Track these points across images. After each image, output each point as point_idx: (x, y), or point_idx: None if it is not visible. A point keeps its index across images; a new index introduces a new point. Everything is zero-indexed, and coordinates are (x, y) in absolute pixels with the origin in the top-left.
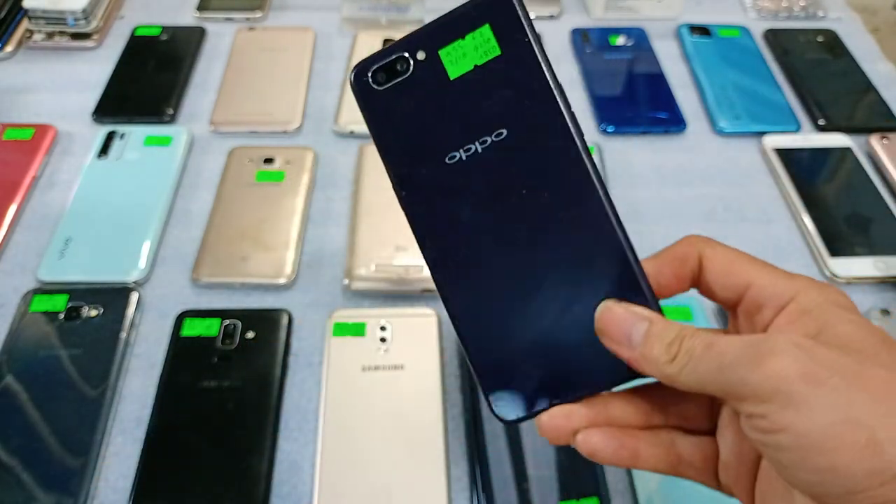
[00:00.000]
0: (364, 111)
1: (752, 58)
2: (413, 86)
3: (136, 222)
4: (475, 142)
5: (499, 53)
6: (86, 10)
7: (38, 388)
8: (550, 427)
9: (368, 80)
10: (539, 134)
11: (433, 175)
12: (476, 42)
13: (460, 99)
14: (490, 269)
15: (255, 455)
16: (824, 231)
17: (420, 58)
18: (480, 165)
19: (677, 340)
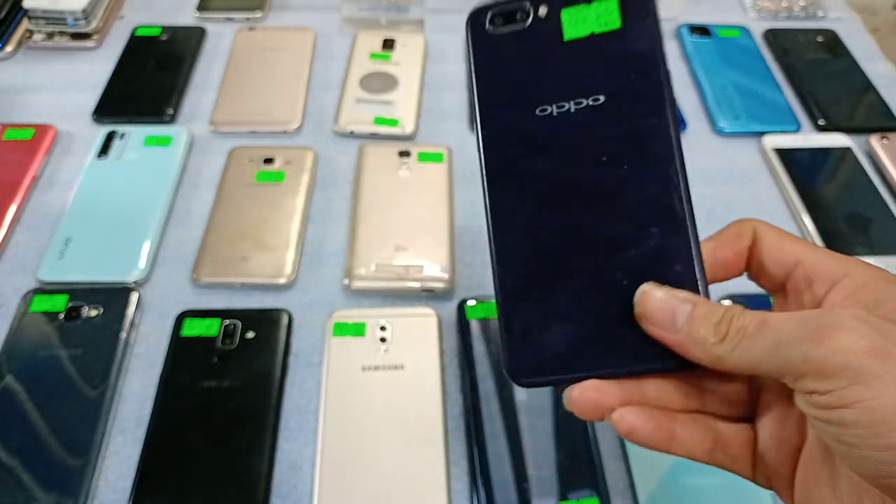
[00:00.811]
0: (471, 49)
1: (752, 58)
2: (527, 36)
3: (136, 222)
4: (570, 101)
5: (619, 27)
6: (86, 10)
7: (38, 388)
8: (582, 400)
9: (485, 21)
10: (638, 109)
11: (520, 121)
12: (599, 11)
13: (568, 59)
14: (547, 223)
15: (255, 455)
16: (824, 231)
17: (541, 13)
18: (569, 124)
19: (725, 320)
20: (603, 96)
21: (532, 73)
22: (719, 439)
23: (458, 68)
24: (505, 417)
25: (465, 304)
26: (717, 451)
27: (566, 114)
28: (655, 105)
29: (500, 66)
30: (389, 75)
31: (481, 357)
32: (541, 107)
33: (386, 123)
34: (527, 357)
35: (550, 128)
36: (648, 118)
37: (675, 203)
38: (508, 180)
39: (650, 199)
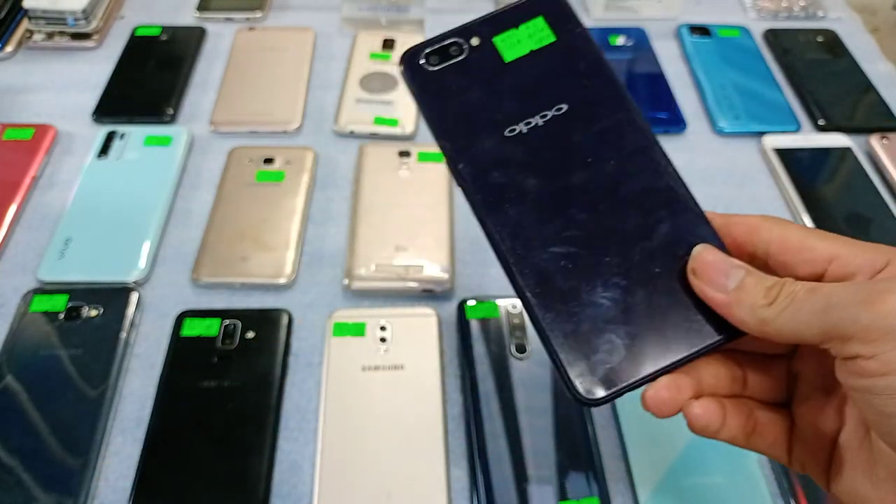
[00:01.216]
0: (415, 90)
1: (752, 58)
2: (468, 66)
3: (136, 222)
4: (535, 115)
5: (554, 40)
6: (86, 10)
7: (38, 388)
8: (658, 400)
9: (420, 60)
10: (602, 108)
11: (493, 146)
12: (530, 31)
13: (518, 78)
14: (560, 236)
15: (255, 455)
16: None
17: (474, 44)
18: (543, 136)
19: (777, 285)
20: (565, 104)
21: (487, 99)
22: (758, 424)
23: None
24: (505, 417)
25: (465, 304)
26: (756, 435)
27: (536, 128)
28: (617, 100)
29: (451, 99)
30: (389, 75)
31: (481, 357)
32: (509, 128)
33: (386, 123)
34: (592, 376)
35: (526, 144)
36: (616, 113)
37: (673, 183)
38: (506, 207)
39: (648, 185)
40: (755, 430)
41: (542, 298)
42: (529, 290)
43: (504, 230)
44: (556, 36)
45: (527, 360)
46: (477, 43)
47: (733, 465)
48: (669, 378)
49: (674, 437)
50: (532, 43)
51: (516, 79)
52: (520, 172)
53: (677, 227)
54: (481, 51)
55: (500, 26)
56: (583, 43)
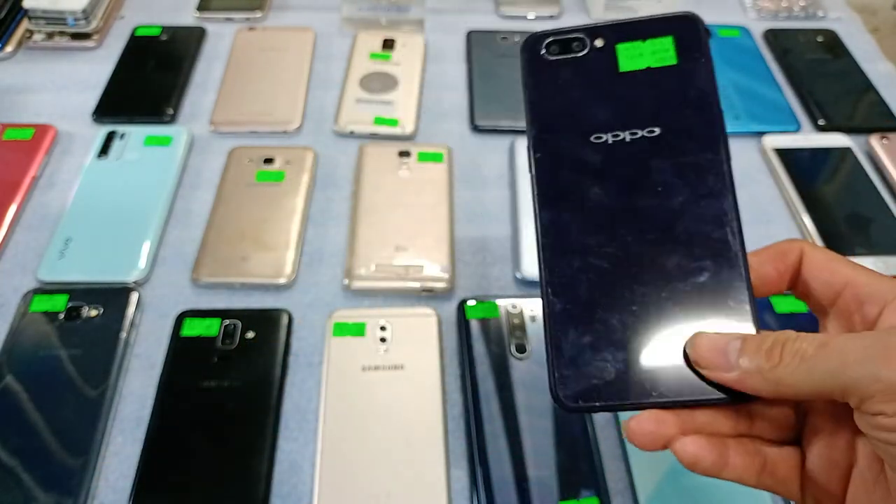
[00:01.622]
0: (526, 73)
1: (752, 58)
2: (582, 64)
3: (136, 222)
4: (625, 131)
5: (675, 63)
6: (86, 10)
7: (38, 388)
8: (640, 432)
9: (541, 47)
10: (693, 144)
11: (574, 147)
12: (655, 48)
13: (623, 90)
14: (600, 249)
15: (255, 455)
16: (824, 231)
17: (597, 45)
18: (624, 152)
19: (777, 345)
20: (658, 129)
21: (588, 101)
22: (767, 463)
23: (459, 68)
24: (505, 417)
25: (465, 304)
26: (765, 474)
27: (621, 143)
28: (710, 140)
29: (555, 90)
30: (389, 75)
31: (481, 357)
32: (596, 134)
33: (386, 123)
34: (575, 382)
35: (605, 155)
36: (703, 153)
37: (729, 237)
38: (562, 205)
39: (704, 232)
40: (764, 468)
41: (561, 299)
42: (552, 287)
43: (552, 225)
44: (678, 59)
45: (527, 360)
46: (600, 45)
47: None
48: (654, 412)
49: None
50: (653, 60)
51: (622, 90)
52: (589, 178)
53: (715, 282)
54: (601, 53)
55: (627, 35)
56: (701, 73)
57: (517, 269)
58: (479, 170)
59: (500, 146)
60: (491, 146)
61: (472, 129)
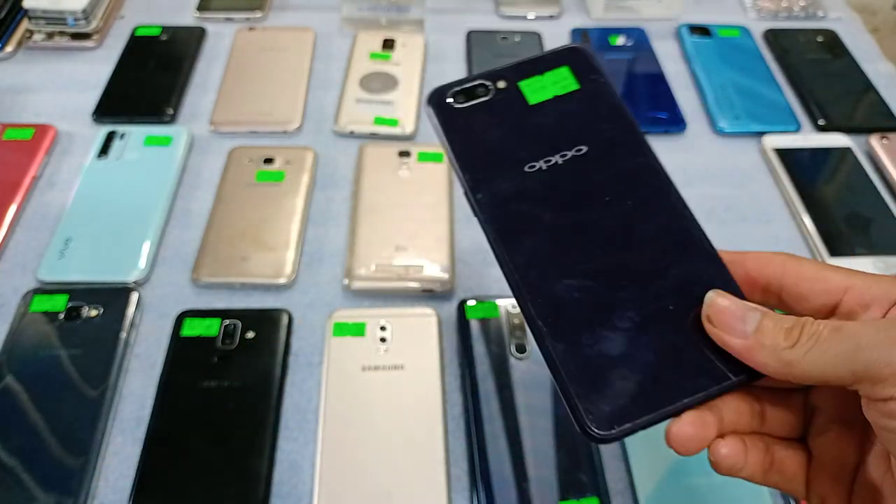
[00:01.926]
0: (440, 125)
1: (752, 58)
2: (493, 106)
3: (136, 222)
4: (555, 155)
5: (577, 87)
6: (86, 10)
7: (38, 388)
8: (682, 436)
9: (446, 99)
10: (621, 151)
11: (512, 181)
12: (555, 78)
13: (540, 119)
14: (576, 269)
15: (255, 455)
16: (824, 231)
17: (500, 86)
18: (562, 174)
19: (798, 325)
20: (585, 146)
21: (510, 136)
22: (775, 460)
23: (458, 68)
24: (505, 417)
25: (465, 304)
26: (773, 471)
27: (555, 166)
28: (635, 144)
29: (475, 134)
30: (389, 75)
31: (481, 357)
32: (529, 164)
33: (386, 123)
34: (602, 410)
35: (545, 181)
36: (633, 157)
37: (687, 224)
38: (523, 240)
39: (663, 226)
40: (772, 466)
41: (554, 328)
42: (541, 320)
43: (518, 259)
44: (579, 84)
45: (527, 360)
46: (503, 86)
47: None
48: (695, 414)
49: None
50: (556, 89)
51: (539, 120)
52: (537, 206)
53: (692, 267)
54: (507, 92)
55: (526, 72)
56: (604, 91)
57: None
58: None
59: None
60: None
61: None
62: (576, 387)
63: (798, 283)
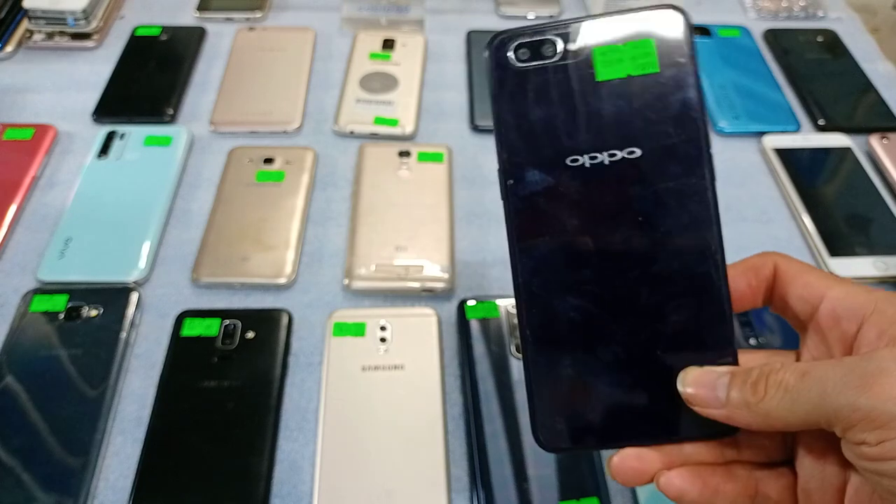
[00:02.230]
0: (494, 84)
1: (752, 58)
2: (556, 74)
3: (136, 222)
4: (604, 152)
5: (656, 71)
6: (86, 10)
7: (38, 388)
8: (623, 469)
9: (509, 52)
10: (676, 167)
11: (549, 173)
12: (635, 52)
13: (601, 104)
14: (578, 285)
15: (255, 455)
16: (824, 231)
17: (572, 48)
18: (602, 177)
19: (762, 378)
20: (639, 150)
21: (562, 118)
22: (760, 486)
23: (458, 68)
24: (505, 417)
25: (465, 304)
26: (760, 498)
27: (599, 167)
28: (695, 163)
29: (526, 106)
30: (389, 75)
31: (481, 357)
32: (572, 157)
33: (386, 123)
34: (557, 424)
35: (583, 181)
36: (687, 178)
37: (712, 272)
38: (539, 238)
39: (687, 266)
40: (758, 492)
41: (539, 340)
42: (530, 328)
43: (528, 262)
44: (659, 67)
45: None
46: (575, 48)
47: None
48: (637, 450)
49: None
50: (632, 67)
51: (600, 104)
52: (565, 208)
53: (696, 322)
54: (576, 58)
55: (605, 36)
56: (686, 85)
57: None
58: (479, 170)
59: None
60: (491, 146)
61: (472, 129)
62: (539, 399)
63: (783, 284)
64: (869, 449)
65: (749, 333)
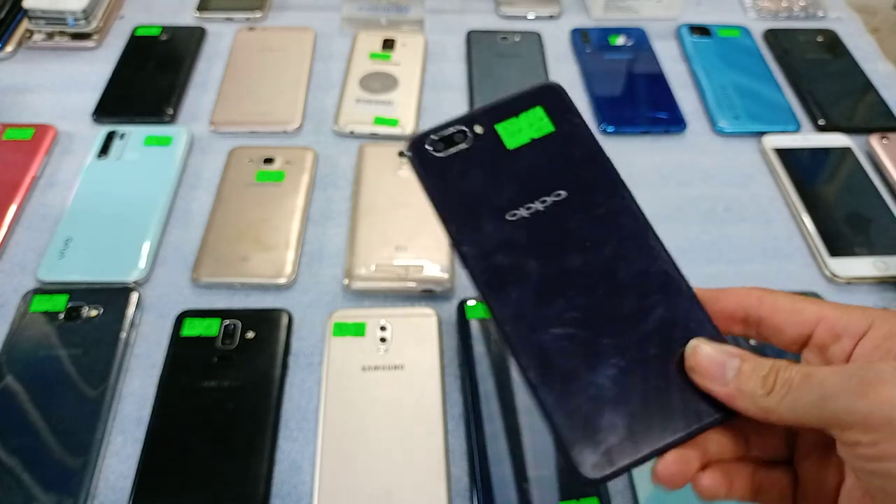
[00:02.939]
0: (421, 176)
1: (752, 58)
2: (472, 153)
3: (136, 222)
4: (535, 200)
5: (553, 130)
6: (86, 10)
7: (38, 388)
8: (668, 474)
9: (426, 147)
10: (599, 195)
11: (496, 230)
12: (531, 120)
13: (519, 165)
14: (559, 316)
15: (255, 455)
16: (824, 231)
17: (478, 131)
18: (544, 221)
19: (773, 372)
20: (564, 191)
21: (491, 184)
22: (763, 484)
23: (458, 68)
24: (505, 417)
25: (465, 304)
26: (762, 492)
27: (537, 213)
28: (612, 187)
29: (457, 184)
30: (389, 75)
31: (481, 357)
32: (510, 212)
33: (386, 123)
34: (594, 454)
35: (527, 228)
36: (611, 199)
37: (666, 267)
38: (508, 289)
39: (643, 270)
40: (761, 489)
41: (544, 378)
42: (532, 370)
43: (507, 311)
44: (554, 126)
45: None
46: (480, 130)
47: None
48: (678, 452)
49: None
50: (533, 131)
51: (518, 165)
52: (521, 255)
53: (671, 311)
54: (484, 138)
55: (502, 115)
56: (580, 133)
57: None
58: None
59: None
60: None
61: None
62: (567, 435)
63: (774, 315)
64: (864, 449)
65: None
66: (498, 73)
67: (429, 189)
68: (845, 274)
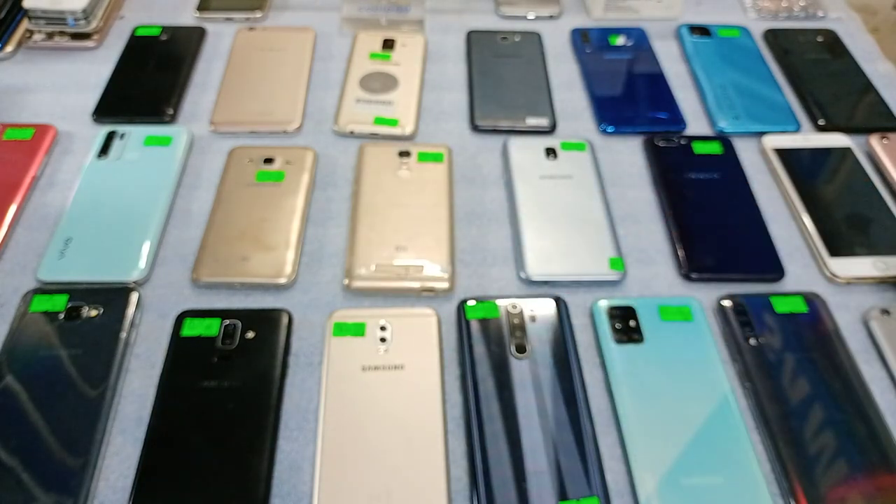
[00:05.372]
0: None
1: (752, 58)
2: None
3: (136, 222)
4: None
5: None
6: (86, 10)
7: (38, 388)
8: None
9: None
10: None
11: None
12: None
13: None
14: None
15: (255, 455)
16: (824, 231)
17: None
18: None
19: None
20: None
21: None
22: None
23: (458, 68)
24: (505, 417)
25: (465, 304)
26: None
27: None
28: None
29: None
30: (389, 75)
31: (481, 357)
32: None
33: (386, 123)
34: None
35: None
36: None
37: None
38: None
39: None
40: None
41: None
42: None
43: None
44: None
45: (527, 360)
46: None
47: (733, 465)
48: None
49: (674, 436)
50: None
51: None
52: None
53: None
54: None
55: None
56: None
57: (521, 269)
58: (479, 170)
59: (500, 146)
60: (491, 146)
61: (472, 129)
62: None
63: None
64: None
65: (749, 333)
66: (498, 73)
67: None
68: (845, 274)
